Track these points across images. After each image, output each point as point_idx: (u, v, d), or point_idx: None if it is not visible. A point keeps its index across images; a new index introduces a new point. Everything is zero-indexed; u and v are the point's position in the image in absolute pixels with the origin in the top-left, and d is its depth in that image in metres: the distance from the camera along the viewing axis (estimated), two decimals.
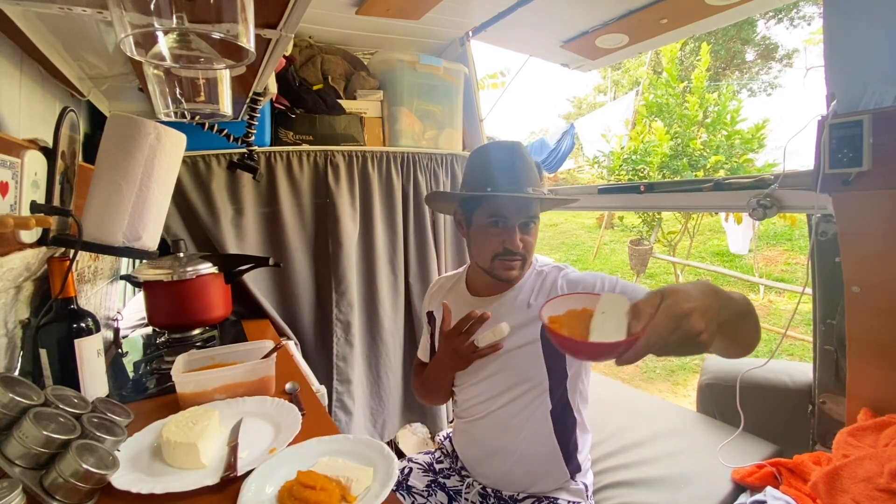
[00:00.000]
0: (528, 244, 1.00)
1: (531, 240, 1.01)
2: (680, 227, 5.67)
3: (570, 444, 1.01)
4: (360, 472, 0.70)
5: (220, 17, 0.52)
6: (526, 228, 1.00)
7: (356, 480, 0.68)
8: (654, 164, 5.07)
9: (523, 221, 0.99)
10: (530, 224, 1.00)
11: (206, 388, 0.97)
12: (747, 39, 11.35)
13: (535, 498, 1.00)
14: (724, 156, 4.84)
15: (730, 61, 11.69)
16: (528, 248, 1.00)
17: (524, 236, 0.99)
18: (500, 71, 2.58)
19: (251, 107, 1.41)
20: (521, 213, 0.98)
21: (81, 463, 0.63)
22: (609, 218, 8.01)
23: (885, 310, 0.96)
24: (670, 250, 5.54)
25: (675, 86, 5.23)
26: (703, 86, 5.06)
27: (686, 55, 9.98)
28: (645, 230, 5.62)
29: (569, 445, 1.01)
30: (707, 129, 5.16)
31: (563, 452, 1.00)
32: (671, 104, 5.26)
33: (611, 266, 7.21)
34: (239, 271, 1.41)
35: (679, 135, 5.17)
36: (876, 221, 0.95)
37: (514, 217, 0.98)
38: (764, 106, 11.63)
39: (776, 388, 1.25)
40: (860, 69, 0.95)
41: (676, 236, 5.59)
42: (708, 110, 5.12)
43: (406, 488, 1.08)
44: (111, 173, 0.97)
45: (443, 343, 1.04)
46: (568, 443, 1.01)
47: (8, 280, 0.82)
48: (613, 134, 5.93)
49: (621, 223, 7.46)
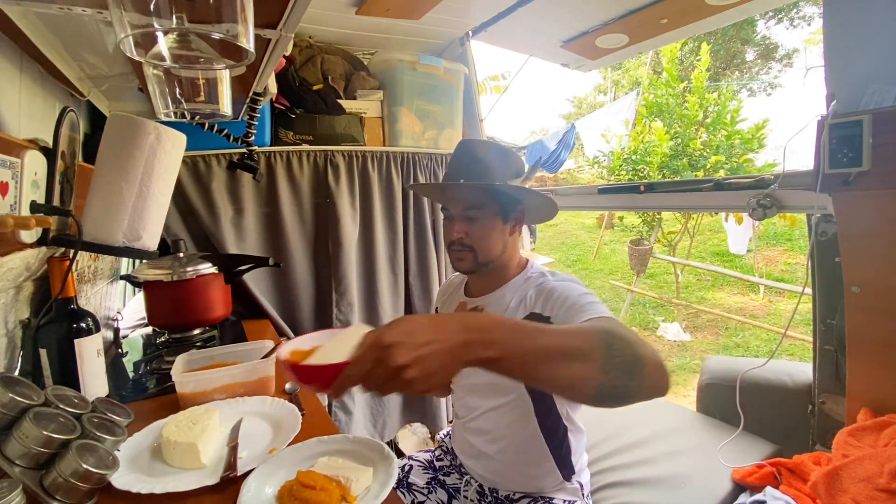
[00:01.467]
0: (474, 235, 0.98)
1: (478, 231, 0.98)
2: (680, 227, 5.67)
3: (562, 449, 1.00)
4: (360, 473, 0.70)
5: (219, 17, 0.52)
6: (471, 219, 0.99)
7: (356, 480, 0.68)
8: (654, 164, 5.06)
9: (466, 212, 0.99)
10: (474, 215, 0.98)
11: (206, 388, 0.97)
12: (747, 39, 11.35)
13: (530, 497, 1.00)
14: (724, 156, 4.84)
15: (730, 61, 11.69)
16: (476, 240, 0.98)
17: (469, 227, 0.99)
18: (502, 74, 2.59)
19: (251, 107, 1.41)
20: (460, 203, 0.99)
21: (81, 463, 0.63)
22: (609, 218, 8.01)
23: (885, 310, 0.96)
24: (670, 250, 5.54)
25: (675, 86, 5.23)
26: (703, 86, 5.06)
27: (686, 55, 9.97)
28: (645, 230, 5.62)
29: (561, 450, 1.00)
30: (707, 129, 5.15)
31: (556, 457, 0.99)
32: (671, 104, 5.26)
33: (611, 266, 7.21)
34: (239, 271, 1.41)
35: (679, 135, 5.16)
36: (876, 221, 0.95)
37: (454, 207, 1.01)
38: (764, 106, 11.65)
39: (776, 388, 1.25)
40: (860, 69, 0.95)
41: (676, 236, 5.59)
42: (708, 110, 5.11)
43: (406, 486, 1.08)
44: (111, 173, 0.97)
45: None
46: (560, 447, 1.00)
47: (8, 280, 0.82)
48: (613, 134, 5.93)
49: (621, 223, 7.46)
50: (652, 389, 0.60)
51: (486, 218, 0.99)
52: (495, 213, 0.99)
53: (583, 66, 2.04)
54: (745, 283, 5.43)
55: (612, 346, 0.58)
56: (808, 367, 1.21)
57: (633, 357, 0.58)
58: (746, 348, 4.30)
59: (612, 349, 0.57)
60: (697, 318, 5.02)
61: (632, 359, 0.58)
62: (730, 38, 11.14)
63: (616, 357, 0.57)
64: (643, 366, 0.58)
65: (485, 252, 0.99)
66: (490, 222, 0.99)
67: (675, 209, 1.70)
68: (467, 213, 0.99)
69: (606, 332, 0.59)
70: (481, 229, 0.99)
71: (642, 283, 5.78)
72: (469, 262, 1.01)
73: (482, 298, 1.05)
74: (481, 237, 0.99)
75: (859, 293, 0.99)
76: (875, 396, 0.99)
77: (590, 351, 0.56)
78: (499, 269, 1.03)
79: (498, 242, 1.00)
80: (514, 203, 1.01)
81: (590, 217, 9.46)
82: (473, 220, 0.99)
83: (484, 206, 0.99)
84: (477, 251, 0.99)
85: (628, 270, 5.91)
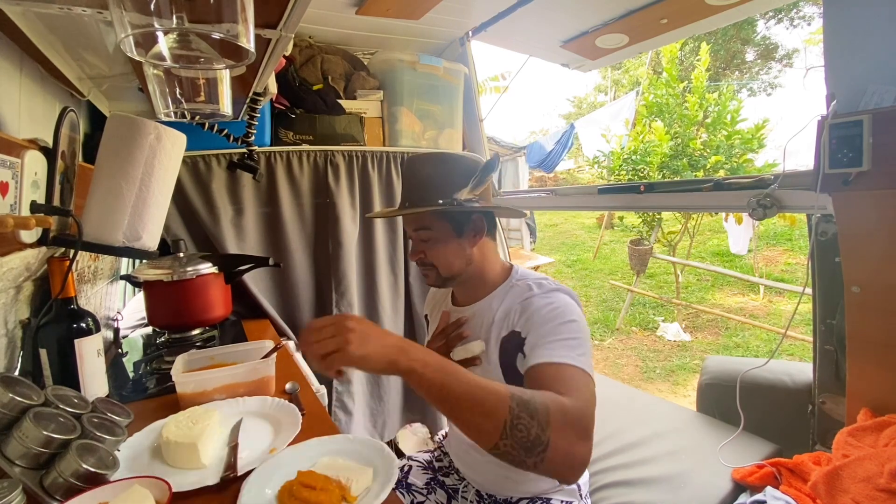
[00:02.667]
0: (430, 254, 0.97)
1: (433, 250, 0.97)
2: (680, 227, 5.66)
3: None
4: (360, 472, 0.70)
5: (220, 17, 0.52)
6: (424, 240, 0.98)
7: (356, 481, 0.68)
8: (654, 164, 5.06)
9: (417, 233, 0.98)
10: (426, 236, 0.97)
11: (206, 388, 0.97)
12: (747, 39, 11.35)
13: (528, 498, 1.00)
14: (724, 156, 4.83)
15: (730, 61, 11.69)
16: (433, 256, 0.97)
17: (424, 246, 0.98)
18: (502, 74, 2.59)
19: (251, 107, 1.41)
20: (410, 225, 0.99)
21: (81, 463, 0.63)
22: (609, 218, 8.01)
23: (885, 310, 0.96)
24: (670, 250, 5.53)
25: (675, 86, 5.23)
26: (703, 86, 5.05)
27: (686, 55, 9.97)
28: (645, 230, 5.62)
29: None
30: (707, 129, 5.15)
31: None
32: (671, 104, 5.25)
33: (611, 266, 7.22)
34: (239, 271, 1.41)
35: (679, 135, 5.16)
36: (876, 221, 0.95)
37: (407, 228, 1.01)
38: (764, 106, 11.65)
39: (776, 388, 1.25)
40: (860, 69, 0.95)
41: (676, 236, 5.58)
42: (708, 110, 5.11)
43: (406, 486, 1.08)
44: (111, 173, 0.97)
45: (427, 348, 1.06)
46: None
47: (8, 280, 0.82)
48: (613, 134, 5.92)
49: (621, 223, 7.46)
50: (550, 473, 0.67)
51: (438, 236, 0.97)
52: (446, 228, 0.96)
53: (583, 66, 2.04)
54: (745, 283, 5.43)
55: (520, 419, 0.64)
56: (808, 367, 1.20)
57: (537, 438, 0.64)
58: (746, 348, 4.30)
59: (517, 420, 0.64)
60: (697, 318, 5.03)
61: (535, 439, 0.64)
62: (730, 38, 11.15)
63: (518, 431, 0.64)
64: (546, 449, 0.64)
65: (446, 268, 0.98)
66: (443, 239, 0.97)
67: (675, 209, 1.70)
68: (420, 234, 0.98)
69: (520, 404, 0.65)
70: (436, 248, 0.97)
71: (642, 283, 5.78)
72: (433, 278, 1.00)
73: (469, 308, 1.03)
74: (437, 255, 0.97)
75: (859, 293, 0.99)
76: (875, 396, 0.99)
77: (493, 412, 0.64)
78: (477, 278, 1.01)
79: (457, 257, 0.98)
80: (466, 216, 0.97)
81: (590, 217, 9.46)
82: (426, 240, 0.98)
83: (432, 225, 0.96)
84: (438, 268, 0.98)
85: (628, 270, 5.91)
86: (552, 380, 0.74)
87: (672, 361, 4.13)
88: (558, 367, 0.76)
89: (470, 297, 1.04)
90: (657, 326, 4.87)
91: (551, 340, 0.81)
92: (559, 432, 0.65)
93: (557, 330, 0.82)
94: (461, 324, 1.01)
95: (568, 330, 0.82)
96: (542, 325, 0.84)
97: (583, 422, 0.68)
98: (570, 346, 0.79)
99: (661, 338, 4.64)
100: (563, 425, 0.65)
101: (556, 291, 0.91)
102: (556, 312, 0.85)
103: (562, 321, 0.84)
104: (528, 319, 0.87)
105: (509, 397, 0.65)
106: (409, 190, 1.00)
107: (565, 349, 0.79)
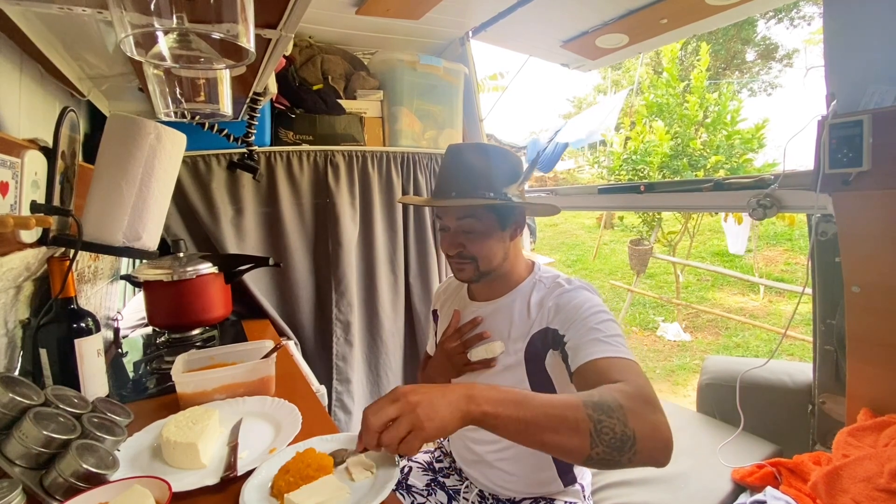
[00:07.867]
0: (472, 246, 0.95)
1: (476, 242, 0.94)
2: (680, 227, 5.66)
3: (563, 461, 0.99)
4: (362, 463, 0.71)
5: (220, 17, 0.52)
6: (467, 231, 0.95)
7: (357, 472, 0.70)
8: (655, 164, 5.06)
9: (461, 223, 0.94)
10: (471, 226, 0.94)
11: (206, 388, 0.97)
12: (747, 39, 11.34)
13: (531, 499, 1.00)
14: (724, 156, 4.84)
15: (730, 61, 11.68)
16: (474, 249, 0.95)
17: (466, 238, 0.95)
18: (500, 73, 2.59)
19: (251, 107, 1.42)
20: (454, 214, 0.95)
21: (81, 463, 0.63)
22: (609, 218, 8.01)
23: (885, 310, 0.96)
24: (670, 250, 5.53)
25: (675, 86, 5.23)
26: (703, 86, 5.05)
27: (686, 55, 9.97)
28: (645, 230, 5.61)
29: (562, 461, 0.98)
30: (707, 129, 5.15)
31: (557, 466, 0.98)
32: (671, 104, 5.26)
33: (611, 266, 7.21)
34: (239, 271, 1.40)
35: (679, 135, 5.16)
36: (876, 221, 0.95)
37: (448, 218, 0.96)
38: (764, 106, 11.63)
39: (776, 388, 1.25)
40: (860, 69, 0.95)
41: (676, 236, 5.58)
42: (708, 110, 5.11)
43: (406, 487, 1.08)
44: (111, 173, 0.97)
45: (439, 347, 1.05)
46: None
47: (8, 280, 0.82)
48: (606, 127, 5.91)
49: (621, 223, 7.46)
50: (646, 462, 0.65)
51: (483, 228, 0.94)
52: (493, 221, 0.94)
53: (583, 66, 2.04)
54: (744, 283, 5.43)
55: (602, 422, 0.63)
56: (808, 367, 1.21)
57: (623, 434, 0.63)
58: (746, 348, 4.30)
59: (600, 425, 0.63)
60: (697, 318, 5.02)
61: (621, 436, 0.63)
62: (730, 38, 11.14)
63: (604, 434, 0.62)
64: (635, 442, 0.63)
65: (486, 262, 0.96)
66: (488, 233, 0.94)
67: (675, 209, 1.70)
68: (463, 225, 0.95)
69: (594, 407, 0.64)
70: (479, 240, 0.95)
71: (642, 284, 5.78)
72: (471, 273, 0.97)
73: (489, 304, 1.02)
74: (480, 248, 0.95)
75: (859, 293, 0.99)
76: (875, 396, 0.99)
77: (575, 424, 0.62)
78: (503, 274, 1.00)
79: (499, 251, 0.96)
80: (512, 210, 0.96)
81: (590, 217, 9.45)
82: (470, 231, 0.95)
83: (480, 215, 0.94)
84: (478, 260, 0.96)
85: (628, 270, 5.90)
86: (607, 372, 0.75)
87: (672, 361, 4.13)
88: (610, 360, 0.77)
89: (493, 293, 1.02)
90: (657, 326, 4.87)
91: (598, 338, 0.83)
92: (637, 417, 0.64)
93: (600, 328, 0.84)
94: (477, 323, 1.00)
95: (608, 328, 0.85)
96: (583, 322, 0.86)
97: (648, 397, 0.68)
98: (618, 341, 0.82)
99: (661, 338, 4.64)
100: (636, 408, 0.65)
101: (582, 289, 0.93)
102: (594, 310, 0.87)
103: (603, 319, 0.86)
104: (568, 317, 0.88)
105: (583, 405, 0.64)
106: (457, 179, 0.95)
107: (612, 344, 0.81)
